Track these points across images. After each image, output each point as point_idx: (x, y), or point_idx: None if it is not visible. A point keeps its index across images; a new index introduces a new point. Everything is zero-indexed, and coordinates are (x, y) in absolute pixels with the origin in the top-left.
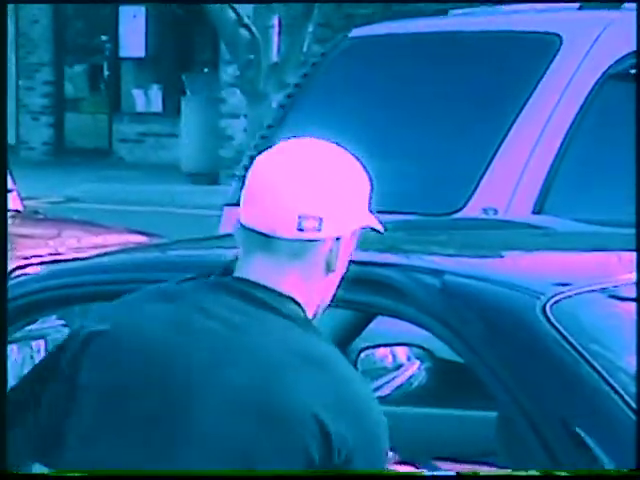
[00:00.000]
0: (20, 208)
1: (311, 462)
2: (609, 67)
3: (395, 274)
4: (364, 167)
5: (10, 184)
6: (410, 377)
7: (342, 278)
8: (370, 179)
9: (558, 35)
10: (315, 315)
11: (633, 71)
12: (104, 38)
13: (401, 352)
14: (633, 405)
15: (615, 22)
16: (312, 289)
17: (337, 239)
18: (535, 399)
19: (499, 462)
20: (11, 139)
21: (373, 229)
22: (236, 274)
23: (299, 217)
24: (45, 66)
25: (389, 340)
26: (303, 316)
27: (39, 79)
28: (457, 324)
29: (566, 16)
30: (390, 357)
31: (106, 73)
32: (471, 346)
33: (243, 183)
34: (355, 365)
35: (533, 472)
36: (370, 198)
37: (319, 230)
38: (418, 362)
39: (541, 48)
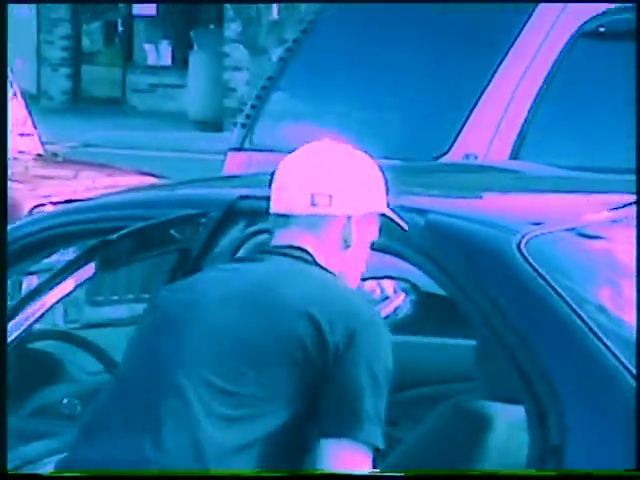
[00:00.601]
0: (41, 151)
1: (307, 354)
2: (580, 26)
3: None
4: (379, 167)
5: (32, 129)
6: (396, 308)
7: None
8: (385, 178)
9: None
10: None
11: (602, 29)
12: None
13: (388, 285)
14: (598, 332)
15: None
16: (330, 259)
17: (349, 218)
18: (510, 326)
19: (477, 386)
20: (32, 89)
21: (393, 221)
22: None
23: (312, 195)
24: (64, 22)
25: (377, 274)
26: (312, 259)
27: (58, 34)
28: (440, 258)
29: None
30: (378, 290)
31: (120, 29)
32: (453, 279)
33: (244, 129)
34: None
35: (533, 472)
36: (387, 194)
37: (330, 205)
38: (403, 294)
39: (519, 7)
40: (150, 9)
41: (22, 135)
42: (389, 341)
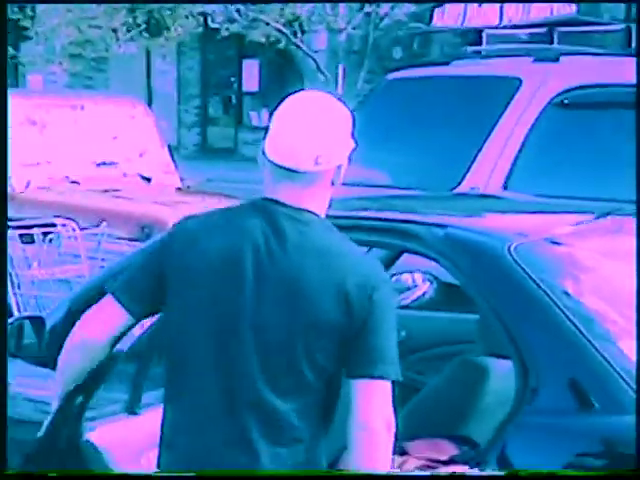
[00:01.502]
0: (179, 185)
1: (341, 322)
2: (552, 98)
3: (415, 227)
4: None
5: (174, 170)
6: (423, 293)
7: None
8: (353, 114)
9: (519, 78)
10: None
11: (566, 101)
12: (232, 79)
13: (417, 277)
14: (564, 310)
15: (555, 70)
16: (323, 202)
17: (339, 166)
18: (503, 306)
19: (478, 347)
20: (173, 142)
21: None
22: (268, 196)
23: (317, 156)
24: (195, 97)
25: (410, 269)
26: (318, 219)
27: (192, 104)
28: (454, 258)
29: (524, 64)
30: (410, 280)
31: (234, 101)
32: (462, 272)
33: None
34: None
35: (534, 472)
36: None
37: (329, 162)
38: (428, 283)
39: (508, 86)
40: (254, 87)
41: (166, 173)
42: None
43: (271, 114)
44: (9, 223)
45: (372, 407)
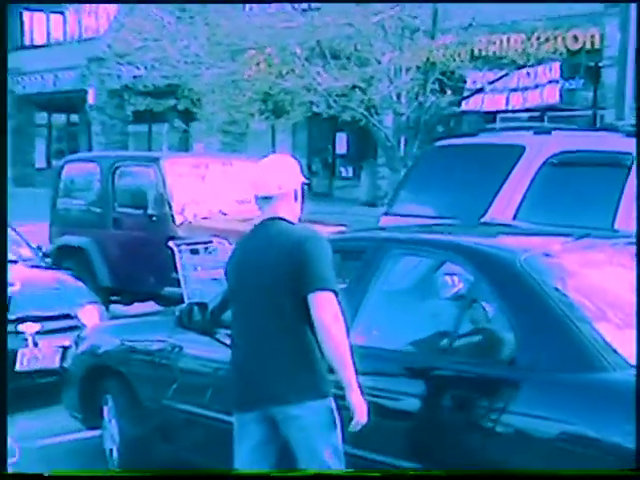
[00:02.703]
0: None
1: (293, 270)
2: (546, 159)
3: (456, 245)
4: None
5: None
6: (459, 289)
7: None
8: (300, 165)
9: (523, 145)
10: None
11: (555, 162)
12: (329, 146)
13: (455, 278)
14: (559, 304)
15: (549, 140)
16: (292, 211)
17: (295, 190)
18: (513, 300)
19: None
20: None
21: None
22: (264, 216)
23: (279, 184)
24: (303, 158)
25: (450, 272)
26: (285, 221)
27: (301, 163)
28: (480, 265)
29: (527, 136)
30: (450, 280)
31: (329, 161)
32: (485, 277)
33: (389, 205)
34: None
35: (534, 472)
36: (302, 171)
37: (288, 186)
38: (462, 283)
39: (516, 150)
40: (343, 150)
41: None
42: (325, 240)
43: (354, 170)
44: (182, 242)
45: (321, 307)
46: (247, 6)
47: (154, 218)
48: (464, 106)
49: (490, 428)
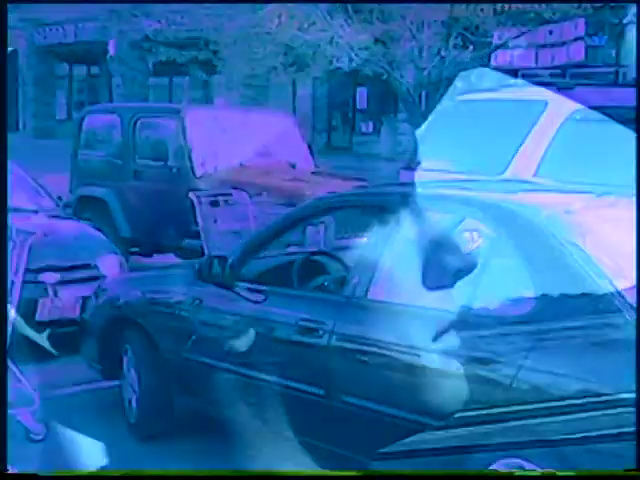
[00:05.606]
0: (314, 170)
1: None
2: (569, 115)
3: (475, 200)
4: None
5: (311, 160)
6: (478, 245)
7: None
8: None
9: (545, 102)
10: None
11: (578, 117)
12: (349, 100)
13: (475, 234)
14: (577, 259)
15: (571, 96)
16: None
17: None
18: (535, 255)
19: None
20: (309, 142)
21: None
22: None
23: None
24: (324, 112)
25: (470, 228)
26: None
27: (321, 117)
28: (502, 221)
29: (550, 92)
30: (470, 236)
31: (349, 115)
32: (506, 234)
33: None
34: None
35: (534, 472)
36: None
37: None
38: (482, 238)
39: (537, 107)
40: (363, 105)
41: (306, 162)
42: None
43: (374, 125)
44: (202, 194)
45: None
46: None
47: (174, 170)
48: (493, 62)
49: (508, 384)
